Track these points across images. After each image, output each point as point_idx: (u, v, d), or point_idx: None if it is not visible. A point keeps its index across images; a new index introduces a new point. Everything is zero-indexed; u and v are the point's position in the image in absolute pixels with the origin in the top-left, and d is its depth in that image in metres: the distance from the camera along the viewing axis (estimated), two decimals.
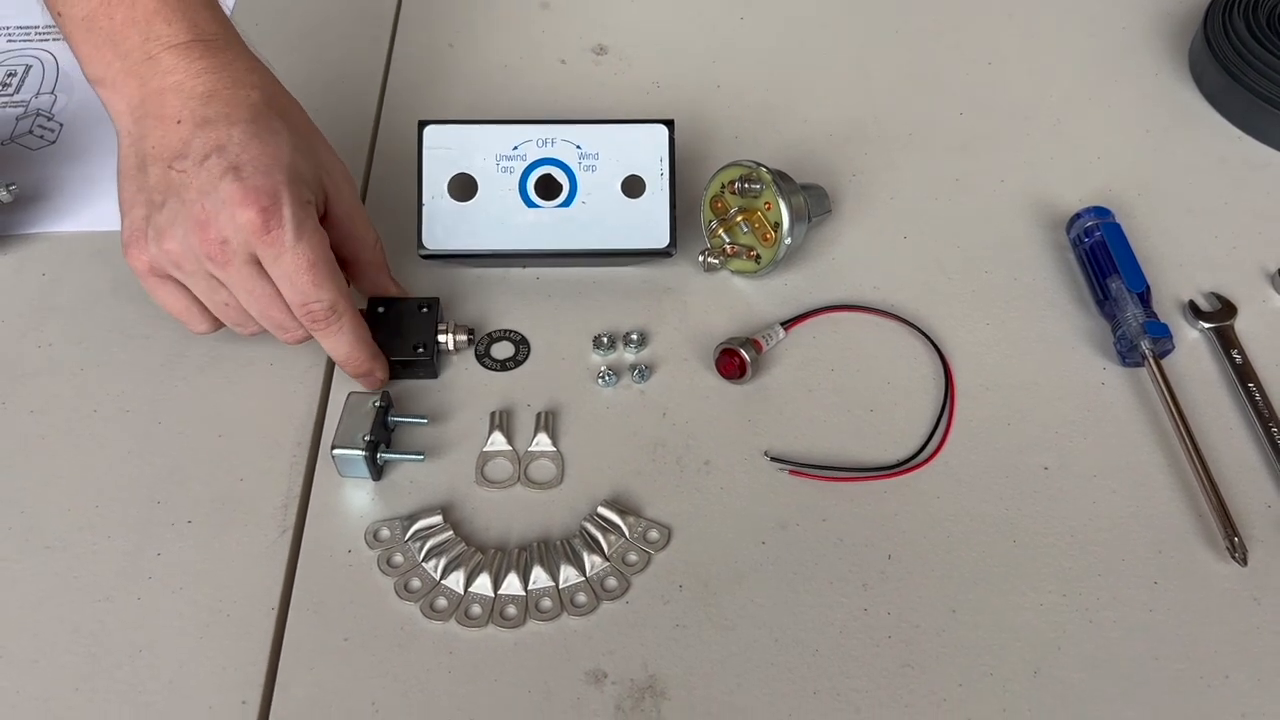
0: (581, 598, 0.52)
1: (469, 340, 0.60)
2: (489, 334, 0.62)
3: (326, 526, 0.54)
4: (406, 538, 0.53)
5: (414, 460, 0.56)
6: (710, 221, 0.64)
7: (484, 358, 0.61)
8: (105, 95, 0.54)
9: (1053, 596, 0.52)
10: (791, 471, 0.56)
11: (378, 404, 0.55)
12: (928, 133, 0.74)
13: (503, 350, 0.61)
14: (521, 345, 0.61)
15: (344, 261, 0.57)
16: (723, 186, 0.63)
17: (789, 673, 0.50)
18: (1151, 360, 0.59)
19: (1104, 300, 0.62)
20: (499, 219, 0.62)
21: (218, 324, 0.57)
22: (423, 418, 0.57)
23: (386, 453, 0.56)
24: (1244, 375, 0.60)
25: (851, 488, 0.56)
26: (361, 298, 0.60)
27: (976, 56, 0.80)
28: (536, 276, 0.65)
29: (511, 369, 0.60)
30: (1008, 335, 0.62)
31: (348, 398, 0.56)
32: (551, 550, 0.53)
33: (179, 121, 0.52)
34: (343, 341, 0.55)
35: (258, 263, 0.52)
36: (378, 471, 0.55)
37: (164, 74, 0.52)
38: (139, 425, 0.58)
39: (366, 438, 0.54)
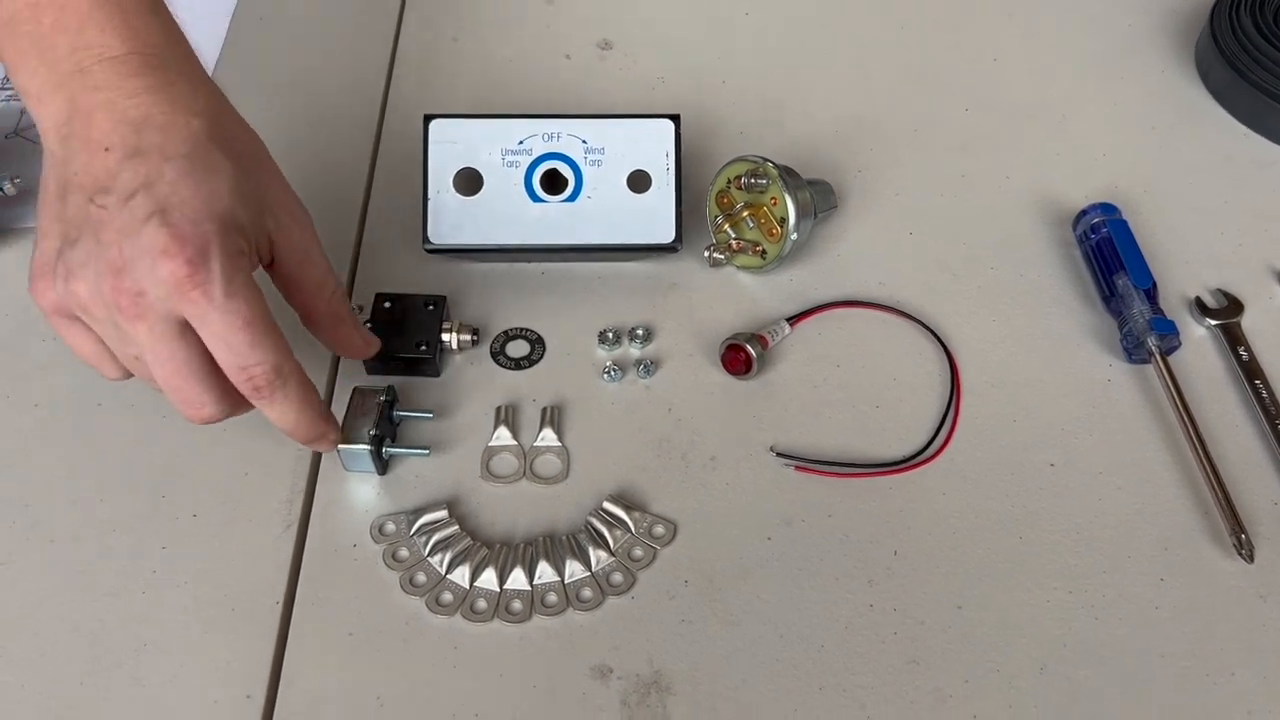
0: (587, 593, 0.52)
1: (473, 340, 0.60)
2: (504, 332, 0.61)
3: (331, 521, 0.54)
4: (412, 532, 0.53)
5: (419, 455, 0.56)
6: (716, 217, 0.64)
7: (498, 355, 0.60)
8: (32, 108, 0.48)
9: (1059, 593, 0.52)
10: (797, 467, 0.56)
11: (383, 399, 0.55)
12: (933, 129, 0.74)
13: (518, 349, 0.61)
14: (537, 345, 0.61)
15: (302, 315, 0.52)
16: (729, 182, 0.63)
17: (794, 668, 0.50)
18: (1158, 357, 0.59)
19: (1110, 297, 0.62)
20: (504, 214, 0.62)
21: (130, 373, 0.50)
22: (428, 413, 0.57)
23: (392, 447, 0.55)
24: (1250, 372, 0.60)
25: (857, 484, 0.56)
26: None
27: (982, 53, 0.79)
28: (542, 271, 0.65)
29: (526, 368, 0.60)
30: (1013, 332, 0.62)
31: (353, 392, 0.56)
32: (557, 545, 0.53)
33: (107, 149, 0.45)
34: (289, 410, 0.48)
35: (179, 323, 0.45)
36: (383, 466, 0.55)
37: (94, 90, 0.46)
38: (143, 419, 0.57)
39: (372, 432, 0.54)
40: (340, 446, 0.53)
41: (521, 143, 0.62)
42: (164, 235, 0.44)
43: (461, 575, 0.52)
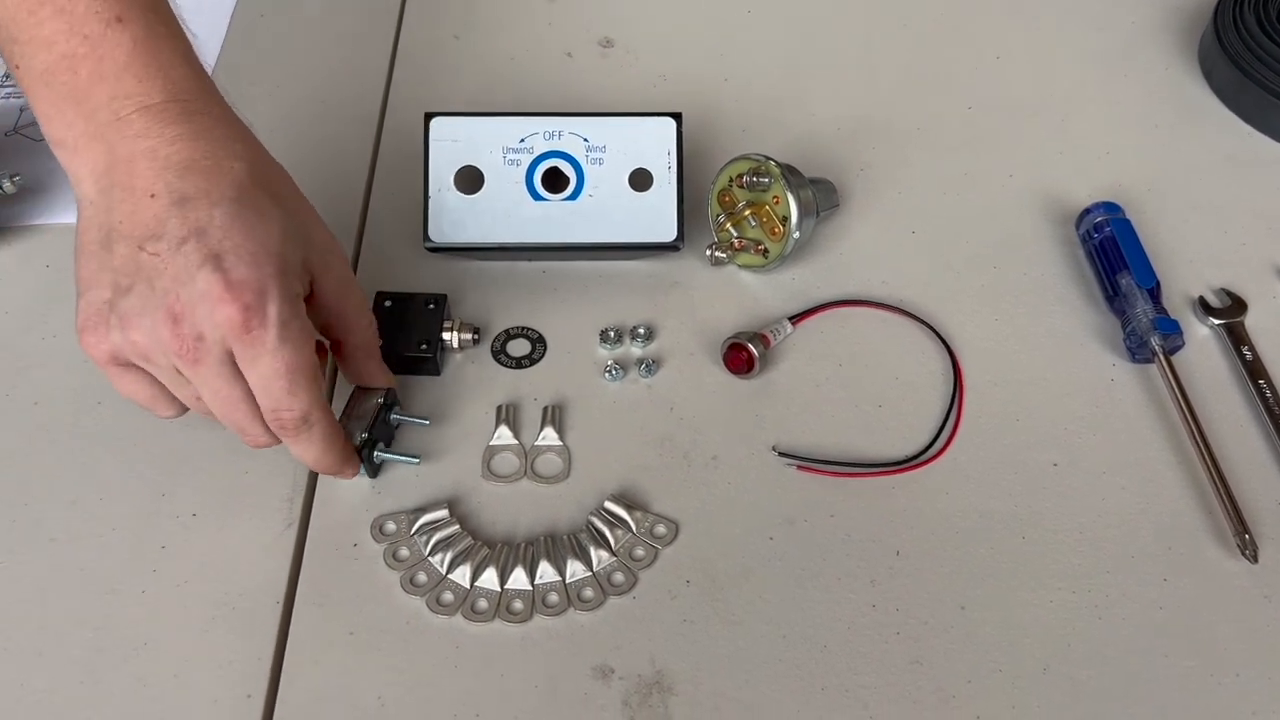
0: (588, 593, 0.51)
1: (474, 339, 0.60)
2: (505, 330, 0.61)
3: (332, 520, 0.54)
4: (413, 531, 0.53)
5: (409, 462, 0.55)
6: (718, 215, 0.64)
7: (499, 354, 0.60)
8: (66, 159, 0.48)
9: (1062, 593, 0.52)
10: (799, 467, 0.56)
11: (381, 401, 0.55)
12: (936, 128, 0.74)
13: (519, 347, 0.61)
14: (538, 343, 0.61)
15: (332, 345, 0.54)
16: (731, 180, 0.63)
17: (797, 669, 0.49)
18: (1161, 357, 0.58)
19: (1113, 296, 0.62)
20: (505, 212, 0.62)
21: (185, 408, 0.51)
22: (424, 419, 0.57)
23: (385, 453, 0.55)
24: (1254, 372, 0.60)
25: (859, 483, 0.55)
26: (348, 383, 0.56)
27: (985, 51, 0.79)
28: (543, 270, 0.64)
29: (527, 367, 0.60)
30: (1016, 331, 0.62)
31: (353, 392, 0.55)
32: (558, 545, 0.53)
33: (152, 195, 0.46)
34: (311, 450, 0.50)
35: (232, 361, 0.47)
36: (374, 469, 0.55)
37: (135, 138, 0.46)
38: (143, 418, 0.57)
39: (364, 435, 0.53)
40: None
41: (523, 141, 0.62)
42: (219, 282, 0.45)
43: (462, 575, 0.52)
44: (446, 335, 0.59)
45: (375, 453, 0.54)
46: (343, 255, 0.53)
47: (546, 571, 0.52)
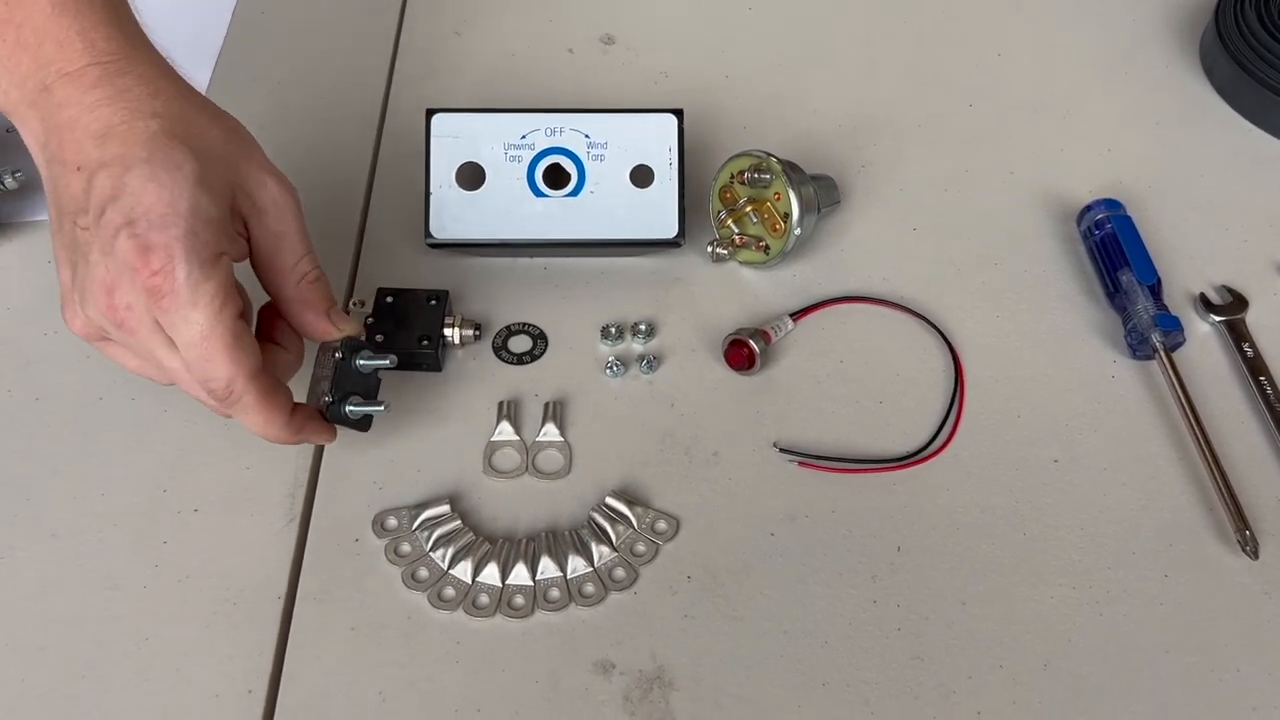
0: (589, 588, 0.51)
1: (475, 335, 0.60)
2: (507, 327, 0.61)
3: (333, 515, 0.54)
4: (414, 527, 0.53)
5: (375, 411, 0.53)
6: (719, 212, 0.64)
7: (501, 350, 0.60)
8: (19, 128, 0.48)
9: (1063, 589, 0.52)
10: (800, 463, 0.56)
11: (338, 355, 0.52)
12: (937, 124, 0.74)
13: (520, 344, 0.61)
14: (539, 340, 0.61)
15: (271, 297, 0.51)
16: (732, 176, 0.63)
17: (798, 664, 0.49)
18: (1162, 353, 0.58)
19: (1114, 293, 0.62)
20: (507, 208, 0.62)
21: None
22: (385, 359, 0.53)
23: (352, 405, 0.52)
24: (1255, 369, 0.60)
25: (860, 479, 0.56)
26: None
27: (986, 48, 0.79)
28: (544, 266, 0.64)
29: (528, 363, 0.60)
30: (1018, 327, 0.62)
31: (318, 351, 0.53)
32: (559, 540, 0.53)
33: (78, 168, 0.45)
34: (251, 421, 0.48)
35: (164, 330, 0.46)
36: (361, 424, 0.53)
37: (59, 108, 0.46)
38: (145, 413, 0.57)
39: (326, 398, 0.51)
40: None
41: (524, 137, 0.62)
42: (134, 249, 0.44)
43: (464, 570, 0.52)
44: (448, 331, 0.59)
45: (348, 407, 0.52)
46: (283, 202, 0.50)
47: (548, 567, 0.52)
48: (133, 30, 0.49)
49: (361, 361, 0.53)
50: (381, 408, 0.53)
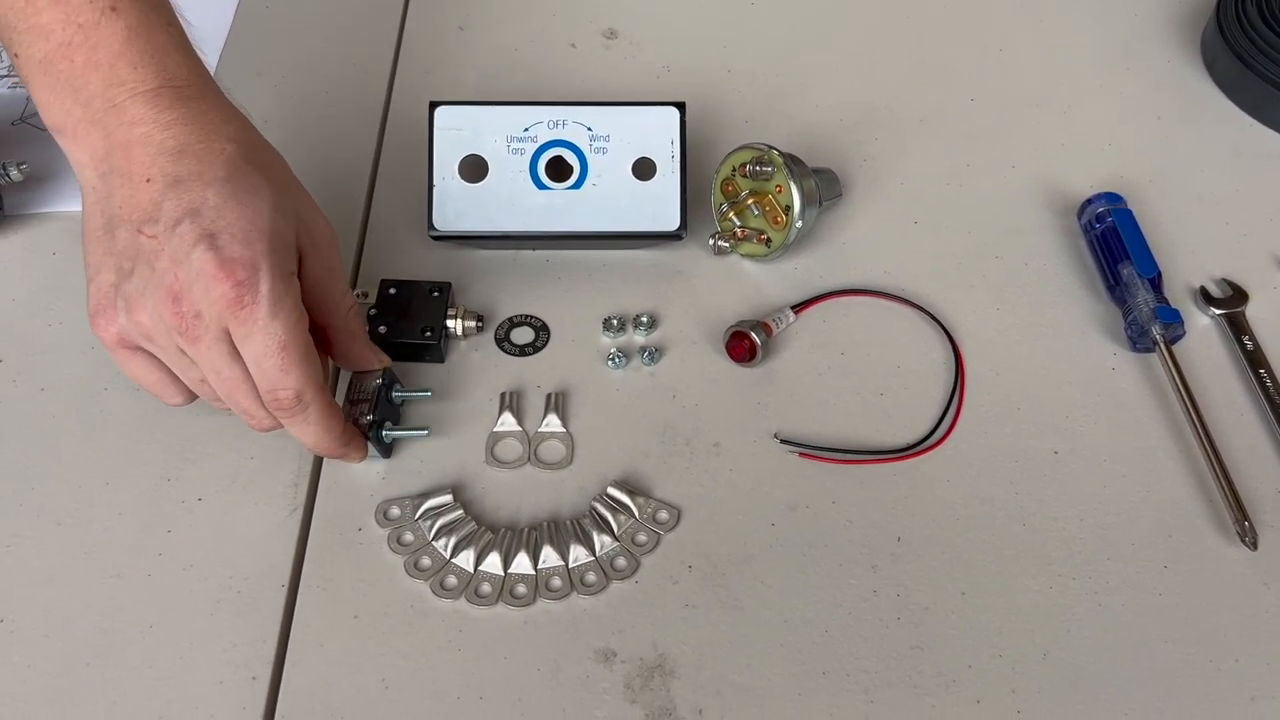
0: (591, 577, 0.52)
1: (478, 326, 0.60)
2: (509, 318, 0.61)
3: (336, 505, 0.54)
4: (417, 516, 0.53)
5: (419, 436, 0.56)
6: (721, 204, 0.64)
7: (503, 342, 0.60)
8: (67, 146, 0.49)
9: (1062, 579, 0.52)
10: (801, 454, 0.56)
11: (379, 381, 0.55)
12: (939, 118, 0.74)
13: (522, 335, 0.61)
14: (541, 331, 0.61)
15: (315, 328, 0.52)
16: (734, 169, 0.63)
17: (798, 653, 0.50)
18: (1162, 346, 0.59)
19: (1115, 286, 0.62)
20: (509, 200, 0.62)
21: (193, 396, 0.52)
22: (426, 390, 0.57)
23: (392, 430, 0.55)
24: (1255, 361, 0.60)
25: (861, 470, 0.56)
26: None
27: (988, 43, 0.79)
28: (546, 259, 0.65)
29: (530, 354, 0.60)
30: (1018, 320, 0.62)
31: (351, 377, 0.56)
32: (561, 530, 0.53)
33: (148, 180, 0.47)
34: (309, 432, 0.51)
35: (230, 340, 0.48)
36: (386, 449, 0.55)
37: (130, 125, 0.47)
38: (149, 403, 0.57)
39: (369, 417, 0.54)
40: None
41: (527, 130, 0.62)
42: (213, 260, 0.46)
43: (466, 559, 0.52)
44: (451, 323, 0.59)
45: (384, 431, 0.55)
46: (330, 238, 0.53)
47: (549, 556, 0.52)
48: (197, 60, 0.51)
49: (398, 393, 0.56)
50: (424, 433, 0.56)
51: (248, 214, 0.47)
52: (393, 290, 0.60)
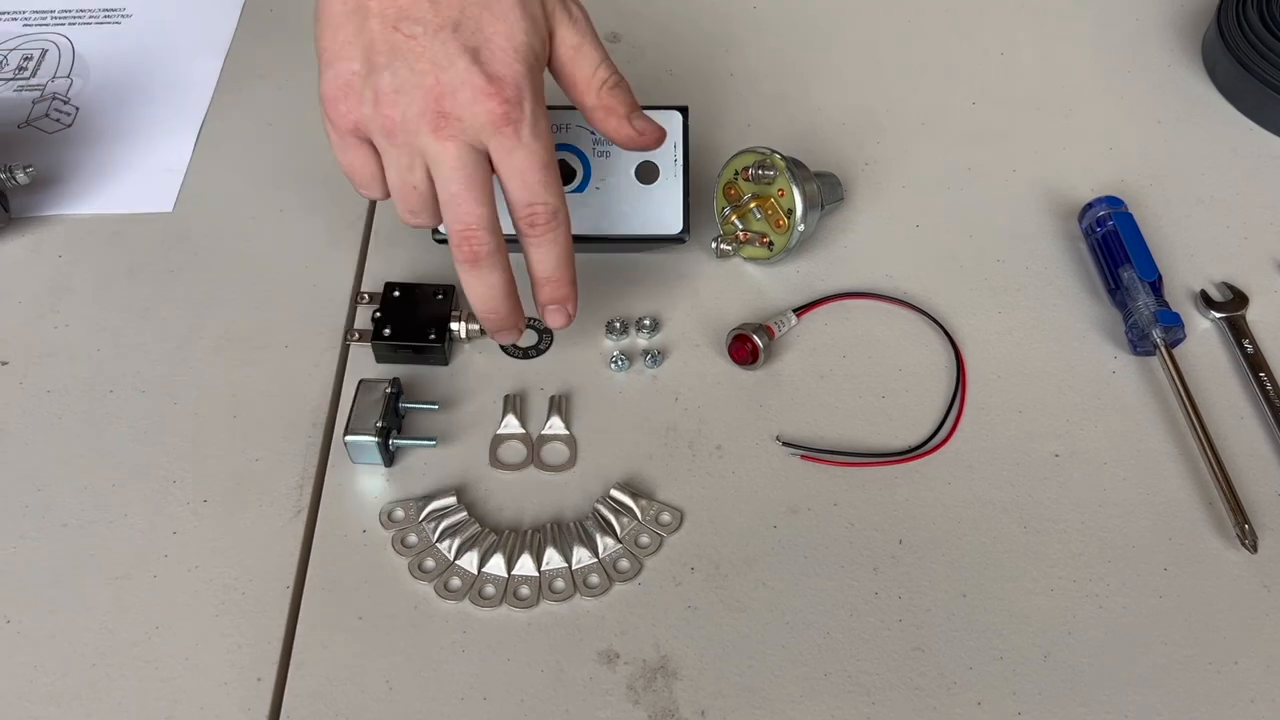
0: (594, 579, 0.52)
1: (481, 329, 0.60)
2: None
3: (341, 507, 0.54)
4: (420, 518, 0.53)
5: (426, 446, 0.56)
6: (724, 208, 0.65)
7: (507, 345, 0.61)
8: None
9: (1063, 582, 0.52)
10: (803, 456, 0.56)
11: (389, 390, 0.55)
12: (940, 122, 0.74)
13: (526, 338, 0.61)
14: (545, 334, 0.61)
15: (576, 106, 0.55)
16: (736, 173, 0.63)
17: (800, 655, 0.50)
18: (1163, 349, 0.59)
19: (1115, 289, 0.62)
20: None
21: (388, 195, 0.53)
22: (433, 403, 0.58)
23: (399, 439, 0.56)
24: (1255, 365, 0.60)
25: (863, 473, 0.56)
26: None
27: (989, 46, 0.80)
28: None
29: (534, 357, 0.60)
30: (1019, 324, 0.63)
31: (358, 385, 0.56)
32: (564, 532, 0.53)
33: None
34: (553, 252, 0.53)
35: (482, 151, 0.49)
36: (390, 458, 0.56)
37: None
38: (155, 406, 0.58)
39: (379, 424, 0.54)
40: (347, 438, 0.54)
41: None
42: (479, 74, 0.48)
43: (470, 561, 0.52)
44: (454, 325, 0.60)
45: (391, 440, 0.55)
46: (577, 15, 0.53)
47: (553, 558, 0.52)
48: None
49: (406, 404, 0.57)
50: (433, 443, 0.56)
51: (503, 29, 0.49)
52: (397, 293, 0.60)
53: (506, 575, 0.52)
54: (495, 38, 0.49)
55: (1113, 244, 0.64)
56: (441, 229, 0.61)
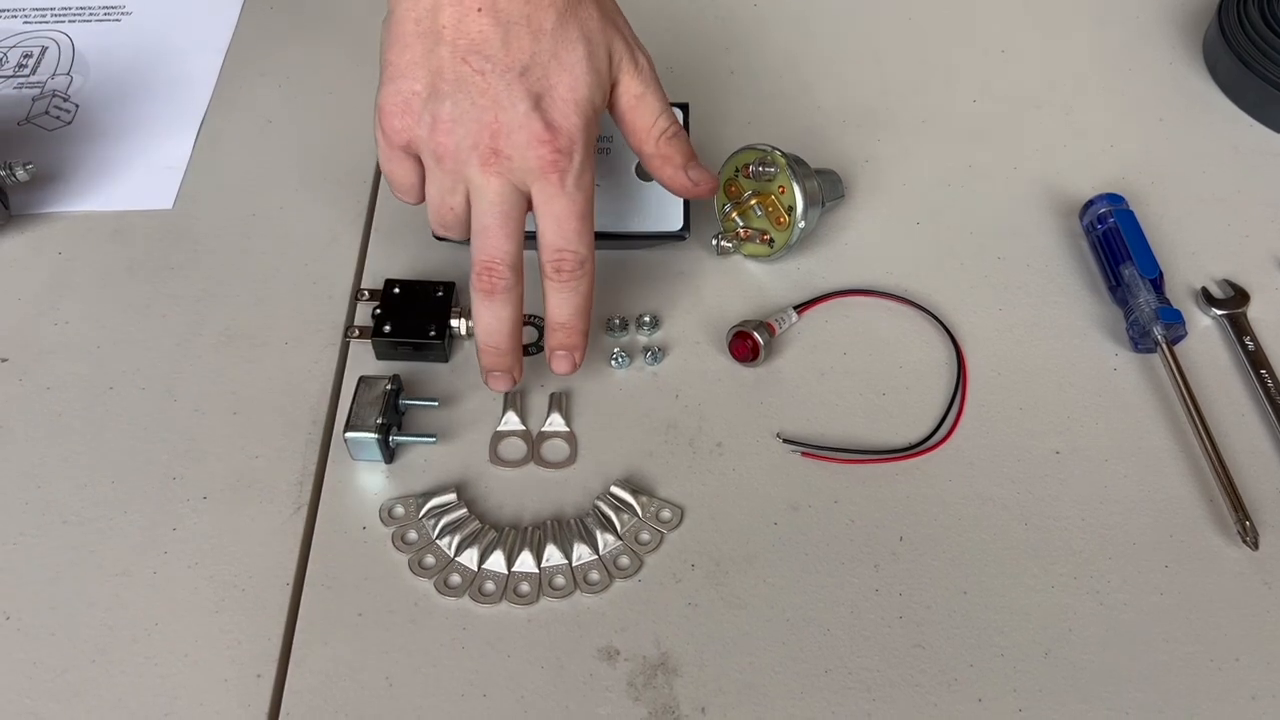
0: (594, 575, 0.52)
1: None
2: None
3: (341, 503, 0.54)
4: (420, 515, 0.53)
5: (426, 442, 0.56)
6: (724, 205, 0.64)
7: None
8: None
9: (1064, 579, 0.52)
10: (804, 453, 0.56)
11: (389, 387, 0.55)
12: (941, 120, 0.74)
13: (526, 335, 0.61)
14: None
15: (634, 151, 0.57)
16: (737, 170, 0.63)
17: (801, 651, 0.50)
18: (1164, 346, 0.59)
19: (1116, 287, 0.62)
20: None
21: (422, 201, 0.55)
22: (433, 400, 0.58)
23: (399, 435, 0.56)
24: (1256, 362, 0.60)
25: (863, 470, 0.56)
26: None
27: (989, 44, 0.80)
28: None
29: (534, 354, 0.60)
30: (1020, 321, 0.63)
31: (358, 382, 0.56)
32: (565, 528, 0.53)
33: (479, 10, 0.49)
34: (572, 300, 0.54)
35: (519, 191, 0.51)
36: (390, 454, 0.56)
37: None
38: (155, 402, 0.58)
39: (379, 421, 0.54)
40: (347, 435, 0.54)
41: None
42: (539, 122, 0.50)
43: (470, 558, 0.52)
44: (454, 322, 0.60)
45: (391, 437, 0.55)
46: (642, 64, 0.55)
47: (553, 555, 0.52)
48: None
49: (406, 400, 0.57)
50: (433, 440, 0.56)
51: (567, 79, 0.50)
52: (397, 290, 0.60)
53: (506, 572, 0.52)
54: (559, 87, 0.50)
55: (1114, 241, 0.64)
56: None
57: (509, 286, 0.53)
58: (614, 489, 0.54)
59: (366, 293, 0.62)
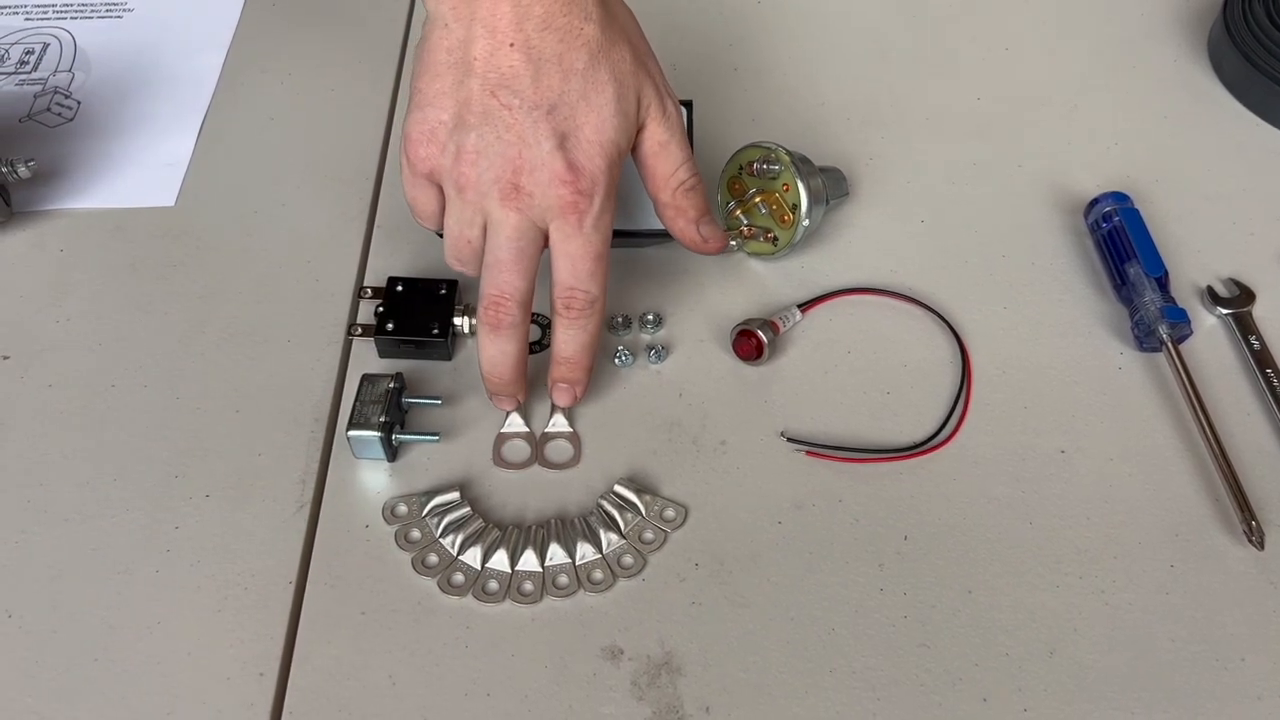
0: (598, 574, 0.52)
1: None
2: None
3: (344, 502, 0.54)
4: (424, 514, 0.53)
5: (429, 441, 0.56)
6: (728, 203, 0.64)
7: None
8: None
9: (1069, 578, 0.52)
10: (808, 452, 0.56)
11: (392, 385, 0.55)
12: (945, 117, 0.74)
13: (530, 333, 0.61)
14: (548, 330, 0.61)
15: (650, 197, 0.57)
16: (741, 168, 0.63)
17: (805, 650, 0.50)
18: (1169, 345, 0.59)
19: (1121, 285, 0.62)
20: None
21: (442, 228, 0.55)
22: (436, 398, 0.57)
23: (402, 434, 0.56)
24: (1262, 361, 0.60)
25: (868, 469, 0.56)
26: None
27: (994, 42, 0.79)
28: None
29: (537, 353, 0.60)
30: (1025, 319, 0.62)
31: (361, 380, 0.56)
32: (569, 527, 0.53)
33: (511, 45, 0.49)
34: (579, 337, 0.54)
35: (537, 227, 0.51)
36: (393, 453, 0.55)
37: None
38: (157, 400, 0.58)
39: (382, 419, 0.54)
40: (350, 433, 0.54)
41: None
42: (562, 162, 0.50)
43: (473, 557, 0.52)
44: (458, 320, 0.59)
45: (394, 435, 0.55)
46: (670, 112, 0.55)
47: (556, 554, 0.52)
48: None
49: (409, 399, 0.57)
50: (435, 438, 0.56)
51: (594, 121, 0.51)
52: (400, 288, 0.60)
53: (510, 571, 0.52)
54: (585, 128, 0.50)
55: (1119, 240, 0.63)
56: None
57: (515, 323, 0.53)
58: (617, 488, 0.54)
59: (369, 290, 0.62)
